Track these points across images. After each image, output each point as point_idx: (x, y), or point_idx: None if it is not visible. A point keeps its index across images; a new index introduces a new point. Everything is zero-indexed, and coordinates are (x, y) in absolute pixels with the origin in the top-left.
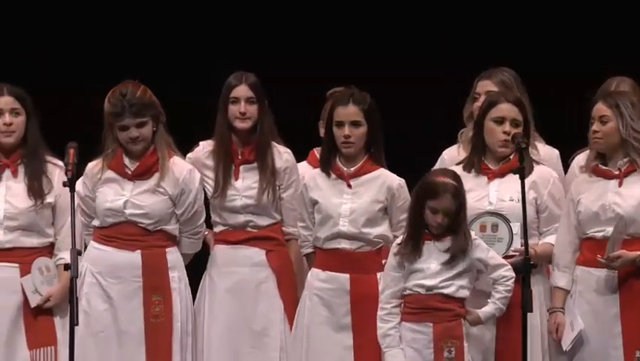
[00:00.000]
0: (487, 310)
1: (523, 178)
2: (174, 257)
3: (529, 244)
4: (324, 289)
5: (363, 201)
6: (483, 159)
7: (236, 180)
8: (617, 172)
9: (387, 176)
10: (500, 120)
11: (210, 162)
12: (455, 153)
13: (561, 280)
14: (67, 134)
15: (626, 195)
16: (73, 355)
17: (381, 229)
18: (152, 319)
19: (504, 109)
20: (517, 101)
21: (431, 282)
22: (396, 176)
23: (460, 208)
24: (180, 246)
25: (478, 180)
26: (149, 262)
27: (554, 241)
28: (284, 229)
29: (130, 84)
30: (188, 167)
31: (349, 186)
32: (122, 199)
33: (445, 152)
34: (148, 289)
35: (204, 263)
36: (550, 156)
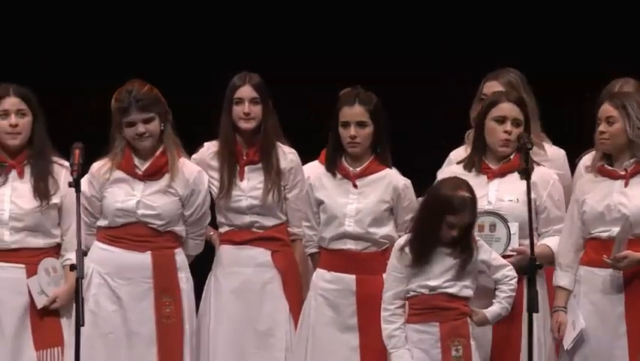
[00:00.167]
0: (494, 310)
1: (529, 179)
2: (181, 258)
3: (525, 246)
4: (329, 290)
5: (369, 201)
6: (483, 159)
7: (242, 180)
8: (622, 172)
9: (393, 176)
10: (501, 120)
11: (215, 162)
12: (462, 154)
13: (563, 279)
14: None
15: (632, 195)
16: (79, 355)
17: (387, 229)
18: (164, 320)
19: (505, 108)
20: (519, 101)
21: (435, 282)
22: (402, 176)
23: (474, 220)
24: (185, 247)
25: (477, 180)
26: (159, 263)
27: (552, 242)
28: (289, 229)
29: (136, 82)
30: (197, 168)
31: (355, 186)
32: (133, 199)
33: (452, 153)
34: (158, 290)
35: (209, 264)
36: (558, 156)
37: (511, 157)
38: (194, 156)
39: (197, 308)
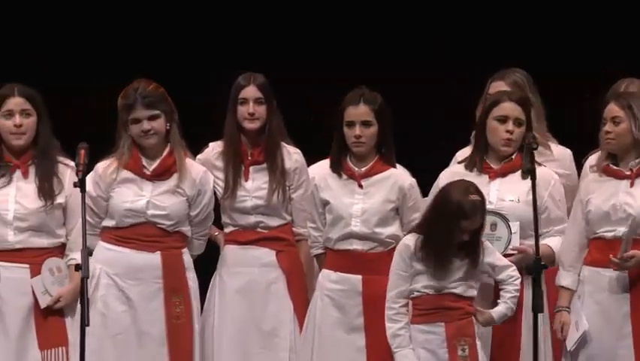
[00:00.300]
0: (500, 310)
1: (534, 179)
2: (188, 258)
3: (526, 245)
4: (335, 290)
5: (374, 201)
6: (485, 158)
7: (246, 180)
8: (628, 172)
9: (399, 176)
10: (503, 119)
11: (220, 163)
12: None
13: (566, 279)
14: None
15: (638, 195)
16: (84, 356)
17: (393, 228)
18: (174, 320)
19: (507, 108)
20: (520, 100)
21: (441, 283)
22: (408, 176)
23: (484, 222)
24: (190, 247)
25: (479, 179)
26: (168, 263)
27: (553, 243)
28: (294, 229)
29: (143, 81)
30: (202, 168)
31: (360, 186)
32: (143, 200)
33: (459, 153)
34: (168, 290)
35: (214, 263)
36: (564, 156)
37: (513, 157)
38: (199, 156)
39: (202, 308)
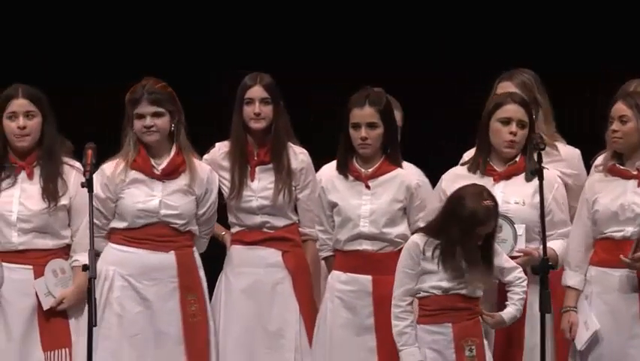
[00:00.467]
0: (510, 311)
1: (541, 179)
2: (198, 257)
3: (530, 248)
4: (345, 291)
5: (382, 201)
6: (488, 160)
7: (252, 181)
8: (635, 172)
9: (405, 176)
10: (506, 121)
11: (226, 163)
12: None
13: (573, 279)
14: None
15: None
16: (91, 356)
17: (402, 228)
18: (190, 318)
19: (510, 110)
20: (523, 102)
21: (450, 284)
22: (414, 175)
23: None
24: (197, 246)
25: (482, 182)
26: (182, 262)
27: (556, 245)
28: (300, 229)
29: (152, 79)
30: (207, 167)
31: (368, 187)
32: (155, 200)
33: (466, 154)
34: (183, 289)
35: (220, 263)
36: (572, 155)
37: (517, 159)
38: (205, 156)
39: None
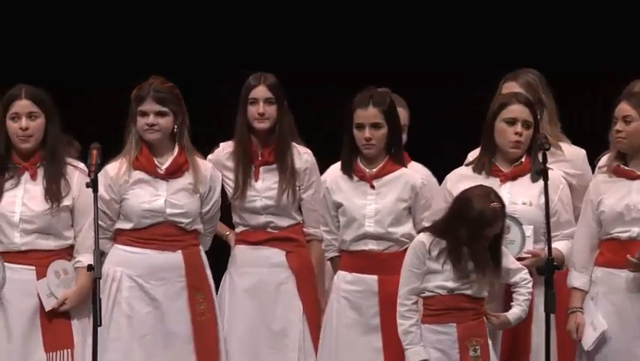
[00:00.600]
0: (515, 312)
1: (546, 179)
2: (204, 255)
3: (537, 249)
4: (351, 291)
5: (387, 201)
6: (493, 161)
7: (256, 181)
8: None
9: (410, 175)
10: (512, 121)
11: (230, 163)
12: None
13: (579, 280)
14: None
15: None
16: (96, 356)
17: (407, 228)
18: (199, 317)
19: (516, 110)
20: (529, 102)
21: (454, 284)
22: (419, 174)
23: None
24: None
25: (488, 182)
26: (189, 261)
27: (562, 246)
28: (305, 229)
29: (160, 78)
30: (210, 165)
31: (372, 186)
32: (160, 199)
33: (471, 154)
34: (191, 288)
35: (225, 263)
36: (577, 156)
37: (522, 160)
38: (209, 156)
39: None
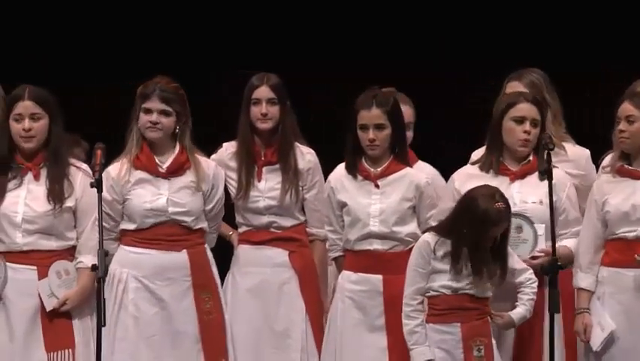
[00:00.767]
0: (520, 312)
1: (550, 179)
2: (210, 253)
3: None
4: (356, 291)
5: (391, 200)
6: (501, 160)
7: (259, 181)
8: None
9: (414, 175)
10: (520, 120)
11: (234, 163)
12: None
13: (585, 280)
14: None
15: None
16: (100, 356)
17: (412, 227)
18: (206, 316)
19: (524, 109)
20: (536, 101)
21: (458, 284)
22: (423, 174)
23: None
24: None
25: (497, 181)
26: (195, 261)
27: (571, 244)
28: (308, 229)
29: (166, 78)
30: (213, 163)
31: (377, 186)
32: (162, 198)
33: (475, 153)
34: (197, 287)
35: (228, 263)
36: (580, 156)
37: (530, 158)
38: (212, 156)
39: None
